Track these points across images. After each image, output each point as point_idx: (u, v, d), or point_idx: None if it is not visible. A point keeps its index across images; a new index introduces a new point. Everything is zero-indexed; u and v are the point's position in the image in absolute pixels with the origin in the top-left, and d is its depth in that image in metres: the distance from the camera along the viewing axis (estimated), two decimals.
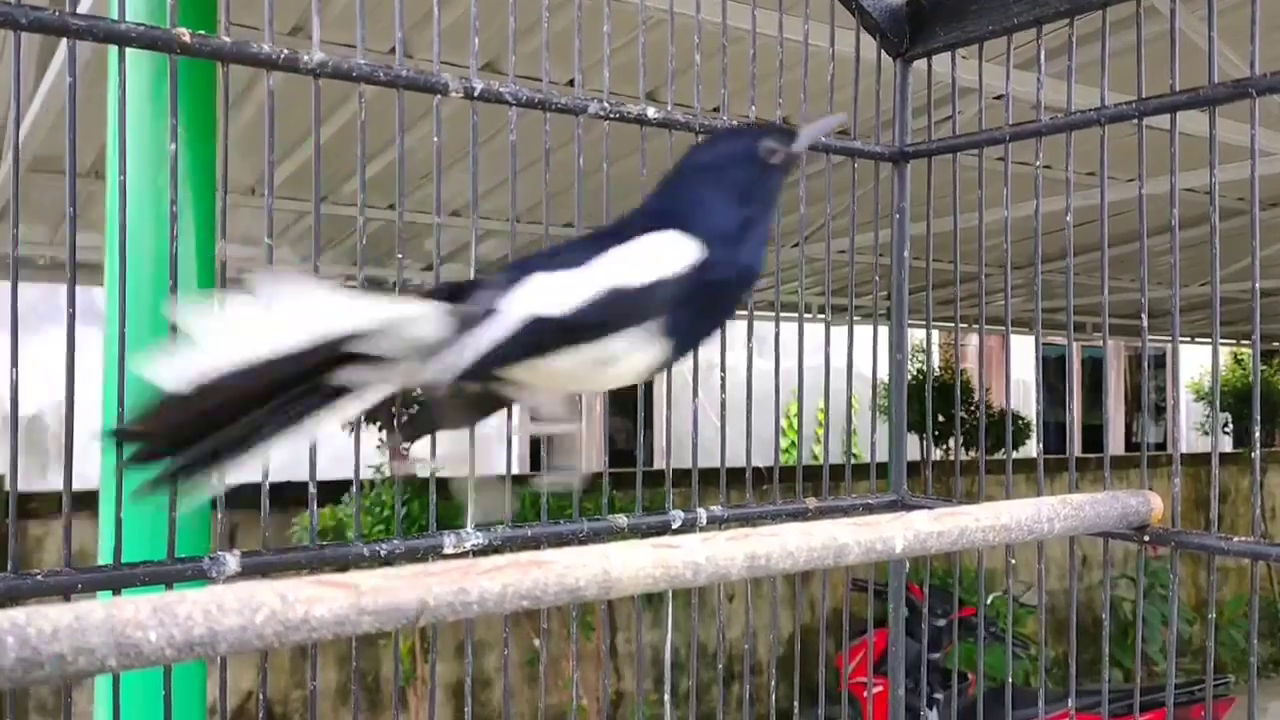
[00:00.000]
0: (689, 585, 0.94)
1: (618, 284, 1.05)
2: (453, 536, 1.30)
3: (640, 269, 1.06)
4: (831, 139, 1.65)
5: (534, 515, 1.39)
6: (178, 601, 0.71)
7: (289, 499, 4.19)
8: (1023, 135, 1.57)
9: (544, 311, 1.03)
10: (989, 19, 1.61)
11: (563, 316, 1.03)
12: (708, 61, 1.51)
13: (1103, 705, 1.55)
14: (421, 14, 3.07)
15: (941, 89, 1.81)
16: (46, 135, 4.04)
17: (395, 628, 0.79)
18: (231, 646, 0.72)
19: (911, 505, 1.67)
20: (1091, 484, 6.72)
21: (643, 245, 1.08)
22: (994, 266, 1.72)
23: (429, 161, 1.33)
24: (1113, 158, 1.44)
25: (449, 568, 0.81)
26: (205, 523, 2.33)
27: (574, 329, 1.04)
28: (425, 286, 1.11)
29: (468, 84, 1.31)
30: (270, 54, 1.18)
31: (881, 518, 1.07)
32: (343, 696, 6.37)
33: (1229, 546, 1.30)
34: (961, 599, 6.51)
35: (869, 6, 1.70)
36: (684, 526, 1.48)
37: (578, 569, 0.86)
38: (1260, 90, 1.27)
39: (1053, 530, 1.22)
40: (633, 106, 1.45)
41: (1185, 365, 14.16)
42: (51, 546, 6.02)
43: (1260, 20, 1.30)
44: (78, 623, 0.66)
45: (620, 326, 1.05)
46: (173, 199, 1.18)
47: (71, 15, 1.07)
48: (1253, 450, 1.32)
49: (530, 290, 1.04)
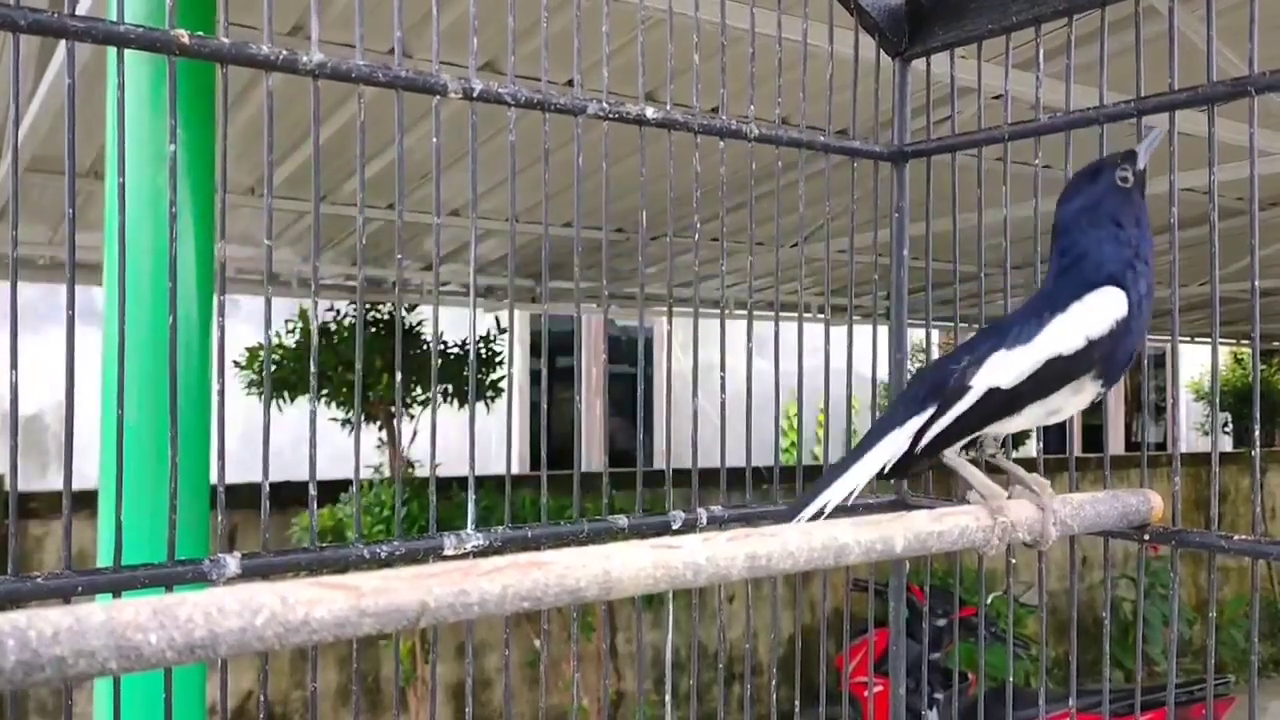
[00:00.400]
0: (689, 586, 0.93)
1: (1056, 352, 1.25)
2: (453, 538, 1.29)
3: (1074, 335, 1.25)
4: (830, 138, 1.65)
5: (534, 515, 1.39)
6: (178, 604, 0.71)
7: (288, 498, 4.20)
8: (1021, 135, 1.57)
9: (997, 384, 1.26)
10: (987, 18, 1.60)
11: (1011, 387, 1.25)
12: (706, 62, 1.51)
13: (1103, 705, 1.55)
14: (421, 14, 3.07)
15: (940, 88, 1.81)
16: (46, 135, 4.03)
17: (396, 629, 0.78)
18: (232, 649, 0.72)
19: (912, 505, 1.67)
20: (1092, 484, 6.71)
21: (1076, 310, 1.26)
22: (993, 266, 1.72)
23: (428, 161, 1.33)
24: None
25: (449, 569, 0.81)
26: (205, 525, 2.33)
27: (1019, 394, 1.26)
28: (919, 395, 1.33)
29: (467, 85, 1.31)
30: (269, 55, 1.18)
31: (882, 517, 1.07)
32: (343, 697, 6.37)
33: (1229, 545, 1.30)
34: (962, 599, 6.51)
35: (868, 6, 1.70)
36: (684, 527, 1.48)
37: (578, 570, 0.86)
38: (1259, 89, 1.27)
39: (1033, 535, 1.22)
40: (632, 107, 1.45)
41: (1185, 364, 14.15)
42: (51, 546, 6.02)
43: (1259, 19, 1.29)
44: (78, 625, 0.66)
45: (1060, 385, 1.26)
46: (172, 200, 1.18)
47: (70, 17, 1.07)
48: (1252, 450, 1.32)
49: (990, 368, 1.27)
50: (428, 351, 5.79)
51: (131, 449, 2.06)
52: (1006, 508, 1.21)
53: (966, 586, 6.22)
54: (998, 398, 1.25)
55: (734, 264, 5.05)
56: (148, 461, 2.10)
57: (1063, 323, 1.25)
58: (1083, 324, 1.25)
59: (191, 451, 2.23)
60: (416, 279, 7.22)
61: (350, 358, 5.39)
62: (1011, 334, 1.27)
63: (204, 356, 2.33)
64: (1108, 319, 1.25)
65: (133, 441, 2.05)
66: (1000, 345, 1.27)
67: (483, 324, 6.54)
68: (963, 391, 1.26)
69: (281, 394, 5.48)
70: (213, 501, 2.20)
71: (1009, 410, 1.27)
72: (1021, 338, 1.26)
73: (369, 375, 5.33)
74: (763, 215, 4.69)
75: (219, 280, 1.19)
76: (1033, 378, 1.25)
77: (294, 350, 5.60)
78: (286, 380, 5.49)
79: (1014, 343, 1.26)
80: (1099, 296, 1.26)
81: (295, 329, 5.72)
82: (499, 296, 7.55)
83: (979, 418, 1.26)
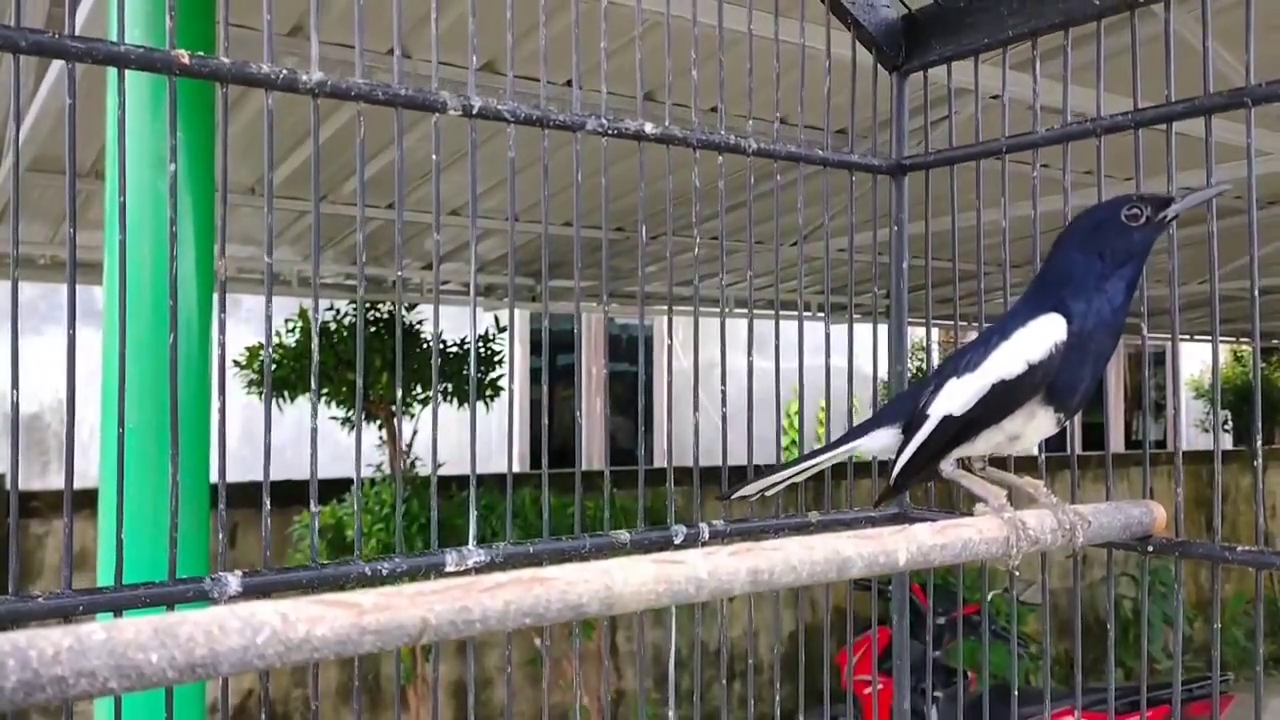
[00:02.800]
0: (692, 600, 0.94)
1: (999, 377, 1.28)
2: (454, 554, 1.29)
3: (1015, 359, 1.28)
4: (828, 153, 1.65)
5: (535, 519, 1.39)
6: (179, 623, 0.71)
7: (289, 497, 4.20)
8: (1019, 147, 1.57)
9: (951, 411, 1.30)
10: (984, 32, 1.60)
11: (961, 414, 1.30)
12: (705, 63, 1.51)
13: (1109, 704, 1.55)
14: (420, 16, 3.07)
15: (938, 94, 1.81)
16: (46, 136, 4.03)
17: (397, 647, 0.79)
18: (233, 667, 0.72)
19: (915, 517, 1.67)
20: (1092, 482, 6.71)
21: (1018, 336, 1.29)
22: (993, 265, 1.72)
23: (428, 161, 1.33)
24: (1111, 156, 1.44)
25: (451, 585, 0.81)
26: (205, 525, 2.33)
27: (972, 421, 1.30)
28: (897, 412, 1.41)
29: (466, 101, 1.31)
30: (270, 74, 1.18)
31: (884, 531, 1.07)
32: (344, 696, 6.38)
33: (1233, 556, 1.30)
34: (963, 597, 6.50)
35: (864, 21, 1.70)
36: (686, 541, 1.48)
37: (580, 585, 0.86)
38: (1256, 100, 1.27)
39: (1056, 541, 1.22)
40: (630, 122, 1.45)
41: (1185, 362, 14.15)
42: (52, 545, 6.03)
43: (1255, 26, 1.29)
44: (79, 645, 0.66)
45: (1009, 411, 1.29)
46: (172, 219, 1.17)
47: (70, 38, 1.07)
48: (1254, 459, 1.32)
49: (944, 395, 1.31)
50: (428, 350, 5.79)
51: (132, 455, 2.06)
52: (1020, 515, 1.22)
53: (968, 585, 6.23)
54: (951, 424, 1.31)
55: (734, 263, 5.05)
56: (148, 466, 2.10)
57: (1005, 349, 1.29)
58: (1023, 349, 1.28)
59: (192, 453, 2.23)
60: (416, 278, 7.21)
61: (350, 357, 5.39)
62: (965, 361, 1.32)
63: (204, 361, 2.33)
64: (1046, 344, 1.27)
65: (133, 448, 2.05)
66: (954, 373, 1.32)
67: (483, 323, 6.54)
68: (923, 419, 1.32)
69: (281, 393, 5.48)
70: (213, 501, 2.20)
71: (964, 436, 1.31)
72: (971, 365, 1.31)
73: (369, 374, 5.33)
74: (762, 215, 4.69)
75: (219, 297, 1.19)
76: (981, 403, 1.29)
77: (294, 350, 5.60)
78: (286, 380, 5.49)
79: (964, 370, 1.31)
80: (1040, 323, 1.28)
81: (295, 328, 5.72)
82: (499, 295, 7.55)
83: (940, 444, 1.31)
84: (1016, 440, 1.33)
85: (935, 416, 1.31)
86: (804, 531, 1.55)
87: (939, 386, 1.33)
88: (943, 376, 1.34)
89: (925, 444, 1.31)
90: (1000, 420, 1.29)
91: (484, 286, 7.49)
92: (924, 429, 1.32)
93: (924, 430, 1.32)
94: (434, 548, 1.31)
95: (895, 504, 1.73)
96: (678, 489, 1.58)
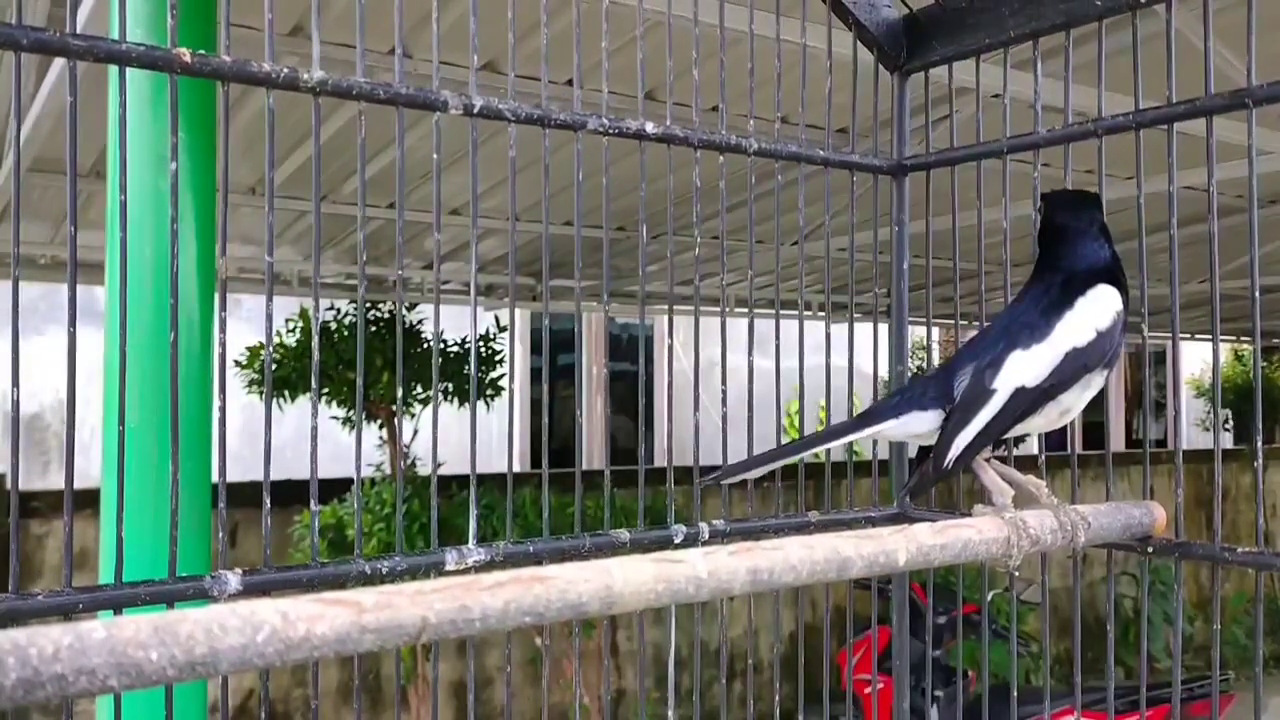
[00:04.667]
0: (692, 600, 0.94)
1: (1072, 345, 1.28)
2: (454, 553, 1.29)
3: (1086, 327, 1.29)
4: (830, 152, 1.65)
5: (535, 519, 1.39)
6: (179, 621, 0.71)
7: (289, 497, 4.20)
8: (1020, 148, 1.57)
9: (1025, 383, 1.28)
10: (985, 32, 1.60)
11: (1036, 385, 1.28)
12: (706, 62, 1.51)
13: (1108, 704, 1.55)
14: (420, 16, 3.07)
15: (939, 94, 1.81)
16: (47, 136, 4.03)
17: (397, 645, 0.79)
18: (233, 665, 0.72)
19: (915, 518, 1.66)
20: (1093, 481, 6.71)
21: (1082, 305, 1.31)
22: (993, 264, 1.71)
23: (428, 161, 1.33)
24: (1112, 155, 1.44)
25: (451, 584, 0.81)
26: (206, 525, 2.33)
27: (1045, 391, 1.28)
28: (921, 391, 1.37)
29: (467, 100, 1.31)
30: (271, 73, 1.18)
31: (884, 530, 1.07)
32: (344, 695, 6.38)
33: (1233, 557, 1.30)
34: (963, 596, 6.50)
35: (865, 21, 1.70)
36: (686, 541, 1.48)
37: (580, 584, 0.86)
38: (1257, 101, 1.27)
39: (1056, 542, 1.22)
40: (631, 121, 1.45)
41: (1185, 361, 14.15)
42: (53, 545, 6.03)
43: (1256, 27, 1.29)
44: (79, 643, 0.66)
45: (1077, 379, 1.29)
46: (173, 215, 1.17)
47: (72, 36, 1.07)
48: (1254, 459, 1.32)
49: (1011, 368, 1.29)
50: (428, 350, 5.79)
51: (133, 454, 2.06)
52: (1021, 516, 1.21)
53: (968, 584, 6.23)
54: (1025, 396, 1.28)
55: (734, 262, 5.05)
56: (149, 465, 2.10)
57: (1072, 319, 1.29)
58: (1090, 318, 1.29)
59: (192, 454, 2.23)
60: (417, 278, 7.22)
61: (351, 356, 5.39)
62: (1023, 334, 1.30)
63: (205, 361, 2.33)
64: (1110, 312, 1.30)
65: (134, 447, 2.05)
66: (1014, 345, 1.30)
67: (483, 323, 6.54)
68: (987, 395, 1.28)
69: (282, 393, 5.48)
70: (214, 500, 2.20)
71: (1033, 409, 1.29)
72: (1037, 336, 1.29)
73: (369, 374, 5.33)
74: (763, 214, 4.69)
75: (220, 294, 1.19)
76: (1055, 372, 1.28)
77: (294, 349, 5.60)
78: (287, 379, 5.49)
79: (1030, 341, 1.29)
80: (1100, 291, 1.31)
81: (295, 328, 5.72)
82: (499, 295, 7.55)
83: (1010, 419, 1.28)
84: (1067, 414, 1.33)
85: (1005, 390, 1.28)
86: (804, 531, 1.55)
87: (996, 362, 1.29)
88: (993, 354, 1.31)
89: (997, 418, 1.28)
90: (1066, 390, 1.29)
91: (484, 286, 7.49)
92: (992, 404, 1.28)
93: (993, 405, 1.28)
94: (434, 547, 1.31)
95: (895, 504, 1.73)
96: (678, 488, 1.58)
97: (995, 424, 1.28)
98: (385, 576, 1.22)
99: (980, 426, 1.28)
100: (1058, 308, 1.31)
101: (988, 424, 1.28)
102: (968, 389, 1.29)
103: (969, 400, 1.29)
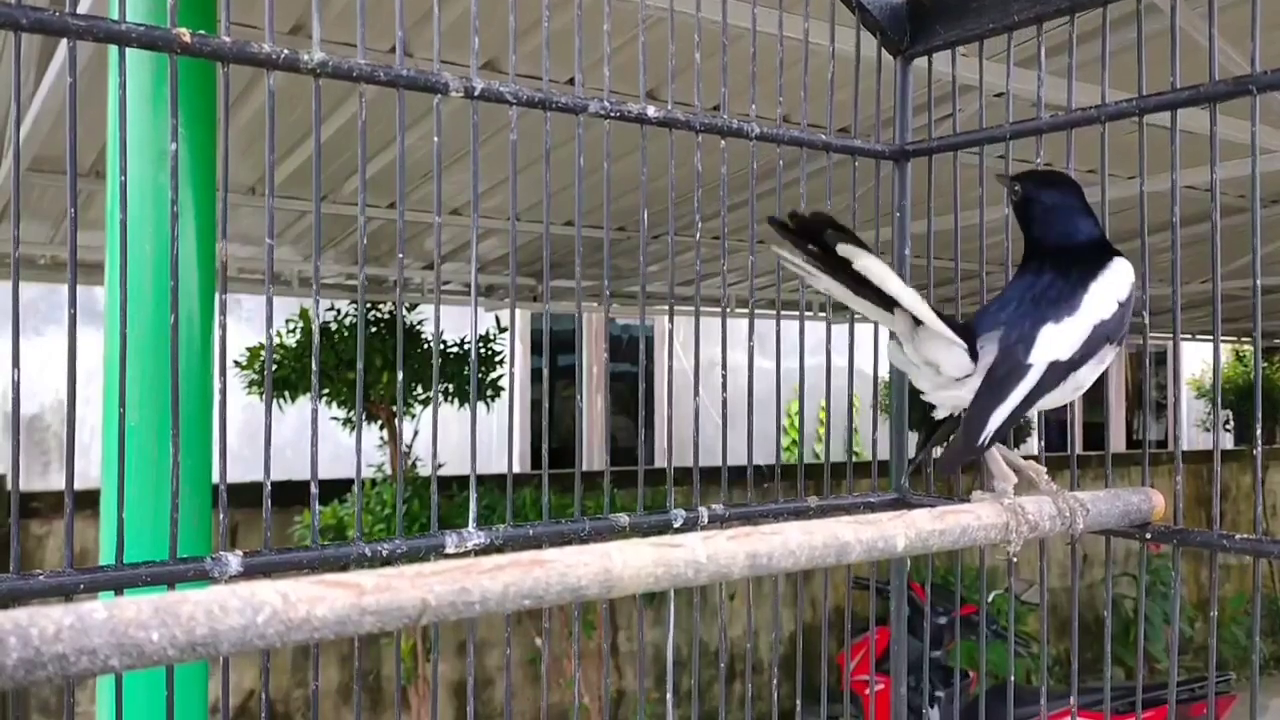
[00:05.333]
0: (690, 584, 0.93)
1: (1099, 318, 1.28)
2: (454, 536, 1.29)
3: (1107, 301, 1.29)
4: (832, 137, 1.65)
5: (536, 519, 1.39)
6: (180, 602, 0.71)
7: (290, 497, 4.20)
8: (1023, 134, 1.57)
9: (1059, 357, 1.26)
10: (989, 17, 1.60)
11: (1071, 357, 1.26)
12: (707, 60, 1.51)
13: (1105, 703, 1.55)
14: (422, 13, 3.07)
15: (942, 86, 1.81)
16: (47, 135, 4.03)
17: (397, 627, 0.78)
18: (234, 646, 0.72)
19: (913, 503, 1.67)
20: (1093, 481, 6.73)
21: (1104, 278, 1.30)
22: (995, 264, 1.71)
23: (428, 161, 1.33)
24: (1113, 155, 1.44)
25: (450, 567, 0.81)
26: (207, 524, 2.33)
27: (1073, 364, 1.27)
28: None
29: (468, 83, 1.31)
30: (270, 54, 1.17)
31: (883, 516, 1.07)
32: (344, 696, 6.37)
33: (1231, 544, 1.30)
34: (963, 596, 6.51)
35: (869, 5, 1.70)
36: (685, 525, 1.48)
37: (579, 568, 0.86)
38: (1261, 87, 1.27)
39: (1055, 528, 1.22)
40: (633, 105, 1.45)
41: (1186, 361, 14.14)
42: (53, 545, 6.02)
43: (1261, 18, 1.29)
44: (80, 623, 0.66)
45: (1098, 351, 1.28)
46: (174, 199, 1.17)
47: (72, 16, 1.07)
48: (1254, 448, 1.32)
49: (1044, 341, 1.26)
50: (428, 350, 5.79)
51: (133, 448, 2.06)
52: (1020, 502, 1.21)
53: (967, 584, 6.22)
54: (1058, 370, 1.26)
55: (735, 262, 5.05)
56: (149, 461, 2.10)
57: (1096, 291, 1.29)
58: (1112, 290, 1.29)
59: (193, 451, 2.23)
60: (417, 278, 7.22)
61: (351, 357, 5.39)
62: (1053, 308, 1.28)
63: (205, 355, 2.33)
64: (1127, 285, 1.31)
65: (134, 441, 2.05)
66: (1045, 319, 1.27)
67: (483, 323, 6.54)
68: (1022, 369, 1.25)
69: (282, 394, 5.48)
70: (215, 500, 2.20)
71: (1060, 382, 1.27)
72: (1066, 309, 1.28)
73: (370, 374, 5.33)
74: (764, 213, 4.69)
75: (220, 279, 1.19)
76: (1085, 345, 1.27)
77: (294, 350, 5.60)
78: (287, 380, 5.49)
79: (1061, 315, 1.27)
80: (1117, 264, 1.32)
81: (296, 328, 5.72)
82: (500, 295, 7.55)
83: (1042, 393, 1.26)
84: (1079, 389, 1.31)
85: (1040, 364, 1.25)
86: (803, 517, 1.55)
87: (1027, 336, 1.27)
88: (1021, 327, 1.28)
89: (1033, 393, 1.25)
90: (1081, 366, 1.28)
91: (485, 286, 7.49)
92: (1029, 379, 1.24)
93: (1029, 379, 1.24)
94: (434, 530, 1.30)
95: (893, 490, 1.73)
96: (677, 488, 1.58)
97: (1030, 399, 1.25)
98: (385, 559, 1.22)
99: (1017, 401, 1.24)
100: (1083, 280, 1.30)
101: (1024, 399, 1.25)
102: (1000, 362, 1.26)
103: (1004, 374, 1.25)
